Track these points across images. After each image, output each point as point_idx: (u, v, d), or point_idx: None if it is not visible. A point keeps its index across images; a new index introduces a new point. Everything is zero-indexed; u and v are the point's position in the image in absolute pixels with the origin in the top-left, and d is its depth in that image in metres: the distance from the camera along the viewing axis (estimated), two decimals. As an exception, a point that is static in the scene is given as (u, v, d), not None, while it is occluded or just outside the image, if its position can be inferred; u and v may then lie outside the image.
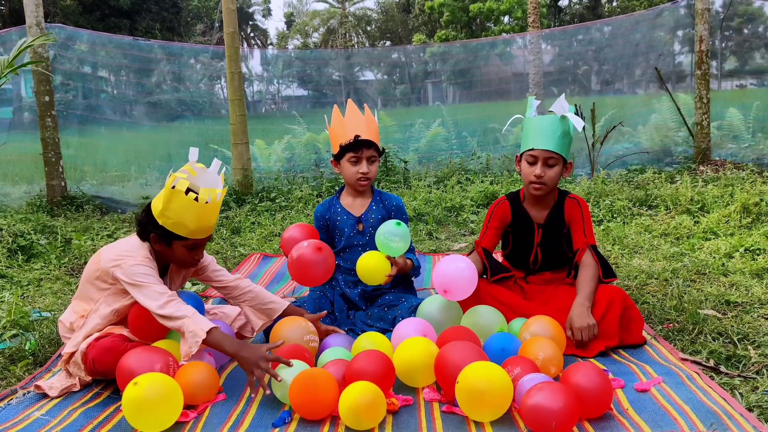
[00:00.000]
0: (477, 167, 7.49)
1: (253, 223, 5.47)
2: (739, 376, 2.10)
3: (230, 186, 6.77)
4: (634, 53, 10.38)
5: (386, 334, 2.39)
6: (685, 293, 2.94)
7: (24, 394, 2.17)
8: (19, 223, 5.03)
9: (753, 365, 2.17)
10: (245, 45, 44.25)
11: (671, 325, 2.58)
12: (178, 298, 2.12)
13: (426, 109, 14.16)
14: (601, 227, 4.62)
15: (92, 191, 6.81)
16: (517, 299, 2.56)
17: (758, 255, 3.57)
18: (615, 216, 4.95)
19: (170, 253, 2.23)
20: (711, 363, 2.19)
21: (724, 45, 13.08)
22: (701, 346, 2.35)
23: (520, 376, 1.91)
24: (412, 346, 2.07)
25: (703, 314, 2.63)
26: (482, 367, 1.82)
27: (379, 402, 1.82)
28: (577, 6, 37.88)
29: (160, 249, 2.23)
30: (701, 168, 6.57)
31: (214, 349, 2.10)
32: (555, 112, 2.51)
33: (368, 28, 45.76)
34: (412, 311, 2.54)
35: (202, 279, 2.48)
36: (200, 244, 2.25)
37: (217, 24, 37.83)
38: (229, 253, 4.46)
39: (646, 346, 2.36)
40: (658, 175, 6.33)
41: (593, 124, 6.97)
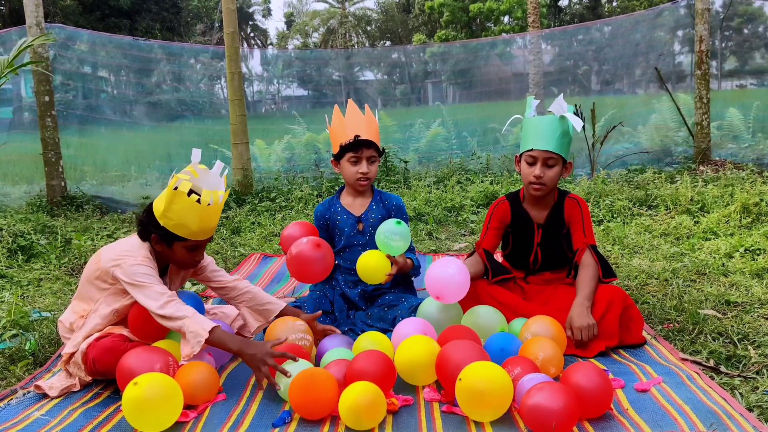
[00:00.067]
0: (477, 167, 7.50)
1: (253, 223, 5.47)
2: (739, 376, 2.10)
3: (230, 186, 6.77)
4: (634, 53, 10.38)
5: (386, 334, 2.38)
6: (685, 293, 2.94)
7: (24, 394, 2.17)
8: (19, 223, 5.03)
9: (753, 365, 2.17)
10: (245, 45, 44.24)
11: (671, 325, 2.58)
12: (178, 299, 2.12)
13: (426, 109, 14.16)
14: (601, 227, 4.61)
15: (92, 191, 6.82)
16: (516, 299, 2.56)
17: (758, 255, 3.57)
18: (615, 216, 4.95)
19: (171, 253, 2.23)
20: (711, 363, 2.19)
21: (724, 45, 13.08)
22: (701, 346, 2.35)
23: (520, 376, 1.91)
24: (414, 344, 2.07)
25: (703, 314, 2.63)
26: (482, 367, 1.82)
27: (379, 402, 1.82)
28: (577, 6, 37.88)
29: (160, 249, 2.23)
30: (701, 168, 6.57)
31: (218, 348, 2.10)
32: (554, 112, 2.51)
33: (368, 28, 45.76)
34: (412, 311, 2.54)
35: (200, 279, 2.48)
36: (201, 245, 2.25)
37: (217, 24, 37.83)
38: (229, 253, 4.46)
39: (646, 346, 2.36)
40: (658, 175, 6.32)
41: (593, 124, 6.96)
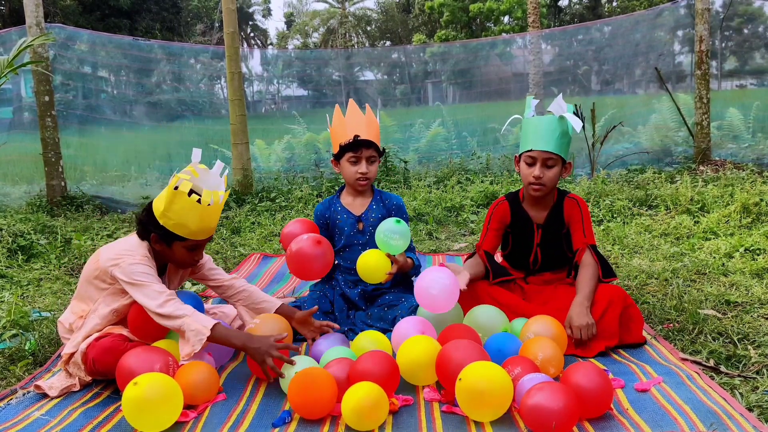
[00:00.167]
0: (477, 167, 7.50)
1: (253, 223, 5.47)
2: (739, 376, 2.10)
3: (230, 186, 6.77)
4: (634, 53, 10.38)
5: (386, 334, 2.38)
6: (685, 293, 2.94)
7: (24, 394, 2.17)
8: (19, 223, 5.03)
9: (753, 365, 2.17)
10: (245, 45, 44.24)
11: (671, 325, 2.58)
12: (177, 298, 2.12)
13: (426, 109, 14.16)
14: (601, 227, 4.61)
15: (92, 191, 6.82)
16: (516, 300, 2.56)
17: (758, 255, 3.56)
18: (615, 216, 4.95)
19: (170, 253, 2.23)
20: (711, 363, 2.19)
21: (724, 45, 13.08)
22: (701, 346, 2.34)
23: (521, 376, 1.90)
24: (416, 344, 2.07)
25: (703, 314, 2.63)
26: (482, 367, 1.81)
27: (382, 404, 1.82)
28: (577, 6, 37.88)
29: (160, 249, 2.23)
30: (701, 168, 6.57)
31: (221, 345, 2.11)
32: (553, 112, 2.51)
33: (368, 28, 45.75)
34: (412, 311, 2.54)
35: (197, 278, 2.49)
36: (200, 245, 2.25)
37: (217, 24, 37.82)
38: (229, 253, 4.46)
39: (646, 346, 2.36)
40: (658, 175, 6.32)
41: (593, 124, 6.96)
